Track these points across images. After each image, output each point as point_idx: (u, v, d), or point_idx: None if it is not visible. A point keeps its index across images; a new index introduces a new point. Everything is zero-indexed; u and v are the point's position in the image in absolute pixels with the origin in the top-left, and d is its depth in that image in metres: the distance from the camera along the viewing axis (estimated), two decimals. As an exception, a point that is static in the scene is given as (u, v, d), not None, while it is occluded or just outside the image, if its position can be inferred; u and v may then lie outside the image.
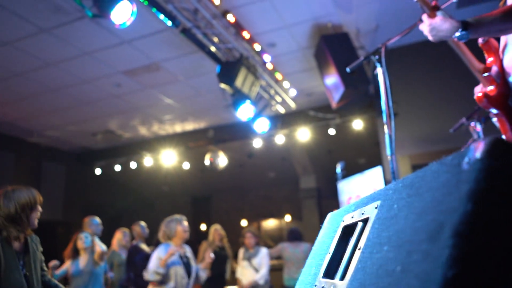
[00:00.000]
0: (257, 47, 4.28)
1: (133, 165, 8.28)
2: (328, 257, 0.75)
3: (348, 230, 0.77)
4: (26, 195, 2.31)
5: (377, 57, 1.93)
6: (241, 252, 5.18)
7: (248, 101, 4.42)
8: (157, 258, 3.58)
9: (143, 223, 5.26)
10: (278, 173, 10.23)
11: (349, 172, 9.78)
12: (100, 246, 4.24)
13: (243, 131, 7.61)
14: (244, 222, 10.61)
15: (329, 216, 0.96)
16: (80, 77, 5.42)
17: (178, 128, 7.75)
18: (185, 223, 3.79)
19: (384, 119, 1.79)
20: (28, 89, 5.69)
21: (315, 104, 6.81)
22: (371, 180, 4.76)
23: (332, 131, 6.98)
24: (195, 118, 7.31)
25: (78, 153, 8.62)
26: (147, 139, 8.22)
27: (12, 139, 7.40)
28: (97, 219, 4.70)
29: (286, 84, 5.30)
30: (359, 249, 0.63)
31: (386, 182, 4.69)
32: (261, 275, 5.07)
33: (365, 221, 0.70)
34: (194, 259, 3.92)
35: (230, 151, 7.86)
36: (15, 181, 7.33)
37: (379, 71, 1.94)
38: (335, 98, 4.72)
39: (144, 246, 5.03)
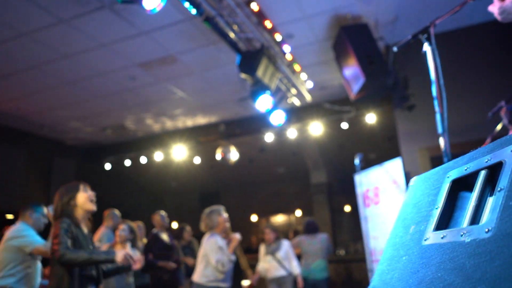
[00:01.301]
0: (278, 37, 4.25)
1: (143, 160, 8.27)
2: (437, 212, 0.73)
3: (460, 184, 0.75)
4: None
5: (425, 35, 1.89)
6: (262, 247, 5.18)
7: (267, 93, 4.39)
8: (217, 247, 3.66)
9: (163, 212, 5.28)
10: (288, 168, 10.21)
11: (356, 168, 9.73)
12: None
13: (254, 125, 7.59)
14: (254, 217, 10.61)
15: (415, 180, 0.94)
16: (95, 69, 5.40)
17: (189, 122, 7.73)
18: (225, 214, 3.88)
19: (435, 96, 1.72)
20: (42, 82, 5.67)
21: (328, 97, 6.78)
22: (390, 172, 4.73)
23: (345, 125, 6.95)
24: (207, 112, 7.29)
25: (88, 148, 8.61)
26: (157, 134, 8.21)
27: (24, 134, 7.40)
28: (117, 212, 4.71)
29: (303, 76, 5.27)
30: (499, 190, 0.60)
31: (406, 174, 4.66)
32: (295, 265, 5.07)
33: (492, 167, 0.67)
34: None
35: (240, 146, 7.83)
36: (27, 176, 7.34)
37: (428, 49, 1.90)
38: (353, 90, 4.70)
39: (164, 236, 5.05)
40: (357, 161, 4.85)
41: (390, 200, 4.72)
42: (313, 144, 8.77)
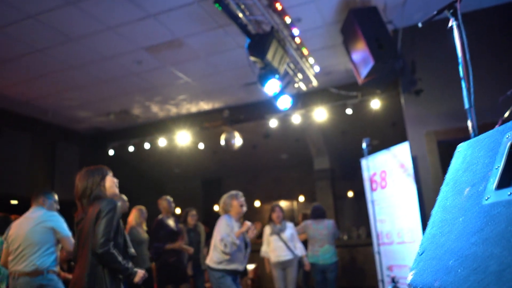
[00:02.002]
0: (287, 20, 4.22)
1: (146, 146, 8.27)
2: (498, 171, 0.74)
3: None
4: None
5: (451, 10, 1.87)
6: (267, 228, 5.21)
7: (275, 76, 4.38)
8: (226, 226, 3.74)
9: (169, 198, 5.31)
10: (291, 155, 10.22)
11: (359, 154, 9.79)
12: None
13: (258, 111, 7.58)
14: (257, 203, 10.67)
15: (463, 146, 0.95)
16: (101, 53, 5.36)
17: (194, 108, 7.71)
18: (242, 198, 3.94)
19: (461, 73, 1.70)
20: (46, 66, 5.63)
21: (334, 83, 6.76)
22: (397, 156, 4.75)
23: (349, 111, 6.94)
24: (211, 98, 7.27)
25: (92, 134, 8.59)
26: (161, 120, 8.19)
27: (28, 119, 7.37)
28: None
29: (310, 61, 5.25)
30: None
31: (413, 158, 4.69)
32: (300, 248, 5.12)
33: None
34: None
35: (243, 132, 7.84)
36: (31, 161, 7.35)
37: (454, 25, 1.89)
38: (362, 74, 4.68)
39: (170, 221, 5.08)
40: (364, 145, 4.86)
41: (397, 183, 4.75)
42: (317, 130, 8.78)
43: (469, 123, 1.66)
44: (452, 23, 1.88)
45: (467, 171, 0.86)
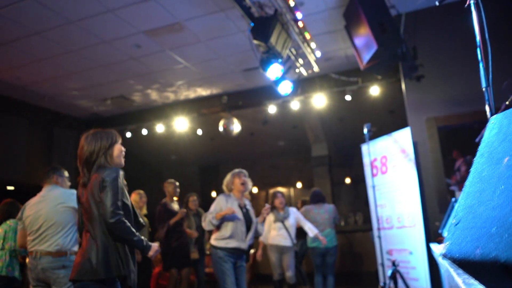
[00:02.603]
0: (291, 3, 4.18)
1: (144, 132, 8.22)
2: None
3: None
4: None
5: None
6: (271, 215, 5.22)
7: (278, 61, 4.35)
8: (216, 204, 3.79)
9: (176, 182, 5.40)
10: (288, 142, 10.23)
11: (357, 142, 9.81)
12: None
13: (257, 97, 7.56)
14: (254, 190, 10.70)
15: (497, 117, 0.95)
16: (100, 36, 5.28)
17: (192, 94, 7.66)
18: (244, 176, 3.96)
19: (479, 52, 1.68)
20: (43, 49, 5.54)
21: (333, 69, 6.73)
22: (399, 142, 4.77)
23: (348, 98, 6.93)
24: (210, 84, 7.22)
25: (89, 119, 8.52)
26: (159, 105, 8.13)
27: (25, 104, 7.28)
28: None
29: (312, 46, 5.22)
30: None
31: (414, 143, 4.71)
32: (310, 227, 5.09)
33: None
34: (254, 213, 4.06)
35: (241, 119, 7.82)
36: (28, 146, 7.28)
37: (472, 2, 1.86)
38: (364, 59, 4.67)
39: (174, 205, 5.10)
40: (365, 130, 4.87)
41: (398, 168, 4.78)
42: (315, 116, 8.78)
43: (487, 103, 1.64)
44: (470, 0, 1.83)
45: (504, 142, 0.86)
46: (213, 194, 10.98)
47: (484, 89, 1.66)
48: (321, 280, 5.52)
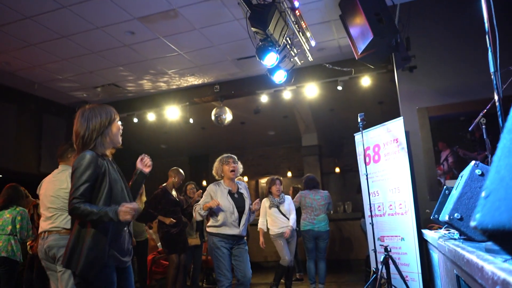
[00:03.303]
0: (289, -9, 4.19)
1: (135, 120, 8.16)
2: None
3: None
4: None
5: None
6: (266, 201, 5.29)
7: (275, 49, 4.37)
8: (206, 195, 3.86)
9: (182, 172, 5.45)
10: (279, 131, 10.29)
11: (346, 132, 9.90)
12: None
13: (249, 87, 7.56)
14: (244, 179, 10.74)
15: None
16: (93, 22, 5.20)
17: (184, 82, 7.62)
18: (232, 163, 3.97)
19: (487, 33, 1.71)
20: (34, 35, 5.44)
21: (326, 59, 6.77)
22: (392, 131, 4.87)
23: (340, 89, 6.99)
24: (203, 72, 7.19)
25: (79, 107, 8.40)
26: (151, 94, 8.07)
27: (14, 90, 7.15)
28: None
29: (307, 35, 5.24)
30: None
31: (406, 133, 4.81)
32: (293, 219, 5.25)
33: None
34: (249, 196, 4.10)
35: (233, 108, 7.83)
36: (18, 133, 7.17)
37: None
38: (359, 48, 4.72)
39: (173, 192, 5.16)
40: (358, 119, 4.94)
41: (390, 157, 4.88)
42: (306, 106, 8.84)
43: (494, 87, 1.70)
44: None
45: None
46: (204, 183, 11.00)
47: (492, 73, 1.70)
48: (313, 265, 5.65)
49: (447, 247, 2.01)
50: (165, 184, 5.30)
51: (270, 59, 4.55)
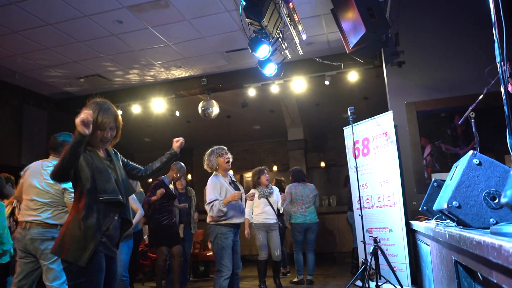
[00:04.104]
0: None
1: (119, 113, 8.01)
2: None
3: None
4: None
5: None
6: (256, 191, 5.28)
7: (268, 41, 4.36)
8: (214, 189, 3.79)
9: (184, 167, 5.42)
10: (265, 125, 10.31)
11: (331, 127, 9.99)
12: None
13: (237, 80, 7.53)
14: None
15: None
16: (81, 10, 5.07)
17: (171, 74, 7.53)
18: (226, 154, 3.97)
19: (494, 23, 1.74)
20: (19, 22, 5.27)
21: (315, 54, 6.80)
22: (381, 125, 4.94)
23: (327, 83, 7.05)
24: (190, 65, 7.12)
25: (62, 98, 8.20)
26: (136, 85, 7.94)
27: (-6, 79, 6.92)
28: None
29: (299, 28, 5.25)
30: None
31: (396, 126, 4.90)
32: (281, 205, 5.27)
33: None
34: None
35: (219, 101, 7.79)
36: (-3, 123, 6.95)
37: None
38: (351, 42, 4.75)
39: (170, 185, 5.14)
40: (349, 113, 4.99)
41: (379, 150, 4.96)
42: (293, 100, 8.88)
43: (500, 77, 1.74)
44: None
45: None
46: (189, 177, 10.92)
47: (498, 64, 1.75)
48: (302, 257, 5.70)
49: (447, 233, 2.06)
50: (164, 176, 5.27)
51: (263, 51, 4.54)
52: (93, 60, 6.64)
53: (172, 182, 5.48)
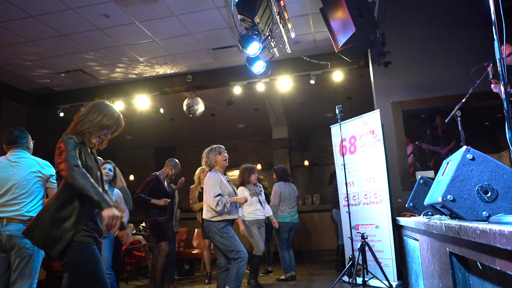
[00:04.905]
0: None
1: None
2: None
3: None
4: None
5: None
6: (245, 189, 5.28)
7: (259, 38, 4.38)
8: (216, 185, 3.84)
9: (179, 164, 5.35)
10: (249, 124, 10.31)
11: (314, 126, 10.07)
12: None
13: (223, 78, 7.51)
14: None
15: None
16: (66, 2, 4.95)
17: (155, 71, 7.43)
18: (224, 152, 4.03)
19: (494, 23, 1.79)
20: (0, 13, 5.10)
21: (301, 53, 6.84)
22: (369, 123, 5.02)
23: (313, 82, 7.10)
24: (176, 61, 7.05)
25: (41, 93, 7.98)
26: (120, 82, 7.81)
27: (-30, 72, 6.67)
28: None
29: (288, 27, 5.28)
30: None
31: (382, 125, 4.99)
32: (268, 208, 5.32)
33: None
34: None
35: (204, 99, 7.75)
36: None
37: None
38: (340, 41, 4.82)
39: (165, 182, 5.09)
40: (337, 111, 5.06)
41: (366, 148, 5.04)
42: (278, 99, 8.91)
43: (500, 74, 1.79)
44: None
45: None
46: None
47: (498, 60, 1.80)
48: (287, 255, 5.74)
49: (444, 225, 2.12)
50: (159, 172, 5.20)
51: (253, 48, 4.55)
52: (76, 55, 6.49)
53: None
